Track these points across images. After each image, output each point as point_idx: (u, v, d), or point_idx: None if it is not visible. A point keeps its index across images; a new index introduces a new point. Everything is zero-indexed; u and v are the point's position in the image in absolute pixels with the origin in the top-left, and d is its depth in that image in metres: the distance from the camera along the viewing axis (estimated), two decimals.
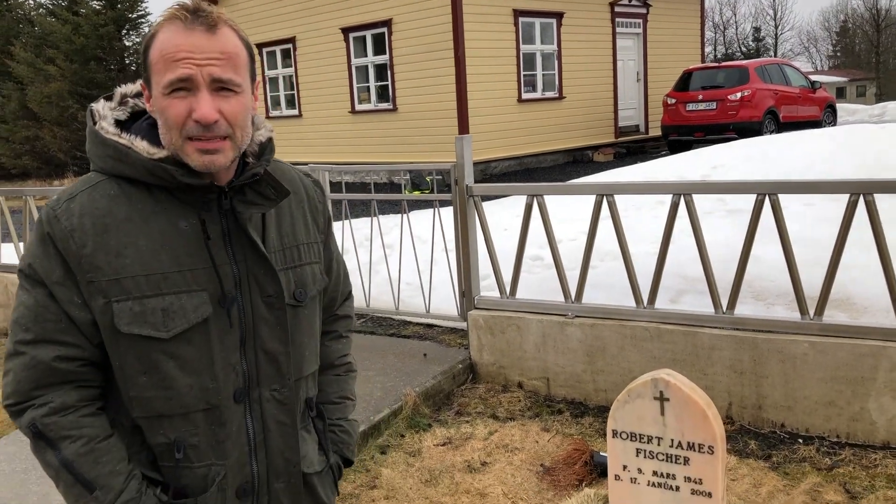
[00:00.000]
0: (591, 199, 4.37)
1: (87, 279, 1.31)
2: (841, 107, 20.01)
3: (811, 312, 3.84)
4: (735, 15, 61.47)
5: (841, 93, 50.07)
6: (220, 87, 1.31)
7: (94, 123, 1.39)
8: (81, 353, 1.33)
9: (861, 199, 3.63)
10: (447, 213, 5.20)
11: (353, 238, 5.73)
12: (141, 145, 1.34)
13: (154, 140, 1.35)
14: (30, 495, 3.56)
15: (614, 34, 16.65)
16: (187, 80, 1.28)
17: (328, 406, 1.64)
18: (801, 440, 3.82)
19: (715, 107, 14.17)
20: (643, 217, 7.21)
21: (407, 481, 3.66)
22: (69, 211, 1.32)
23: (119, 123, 1.41)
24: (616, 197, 4.26)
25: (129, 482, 1.34)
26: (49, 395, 1.32)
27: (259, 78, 1.47)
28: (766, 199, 3.85)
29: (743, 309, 4.55)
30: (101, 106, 1.42)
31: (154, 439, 1.37)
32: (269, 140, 1.47)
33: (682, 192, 4.03)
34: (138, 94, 1.45)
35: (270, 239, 1.44)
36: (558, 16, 15.34)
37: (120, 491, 1.33)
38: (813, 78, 16.93)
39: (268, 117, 17.59)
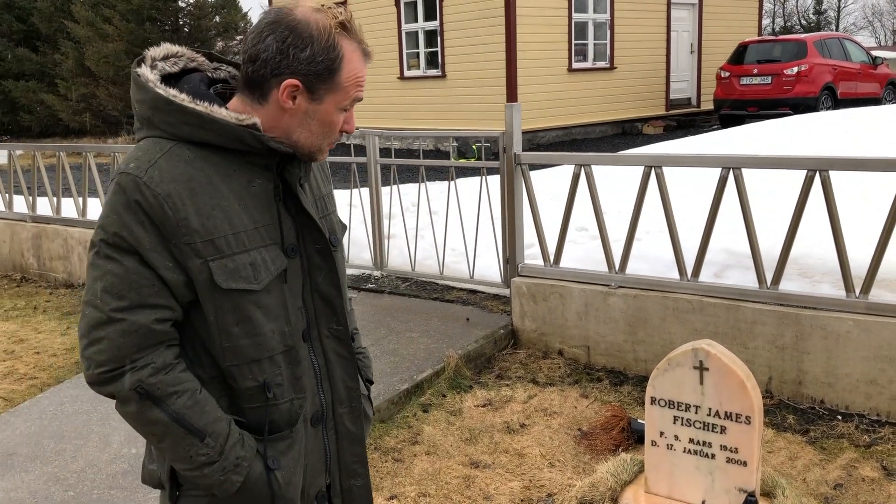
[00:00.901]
0: (640, 171, 4.38)
1: (184, 242, 1.38)
2: None
3: (857, 291, 3.83)
4: None
5: None
6: None
7: (160, 90, 1.42)
8: (173, 314, 1.42)
9: None
10: (493, 180, 5.25)
11: (401, 203, 5.82)
12: (222, 112, 1.41)
13: (218, 104, 1.44)
14: (92, 435, 3.77)
15: (669, 4, 16.33)
16: (357, 101, 1.50)
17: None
18: (840, 417, 3.84)
19: (770, 81, 13.87)
20: (689, 192, 7.17)
21: (447, 438, 3.78)
22: (154, 178, 1.37)
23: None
24: (664, 170, 4.27)
25: (232, 425, 1.46)
26: (149, 357, 1.39)
27: None
28: (817, 175, 3.82)
29: (790, 286, 4.55)
30: (149, 72, 1.45)
31: (245, 384, 1.48)
32: None
33: (732, 167, 4.03)
34: (165, 57, 1.51)
35: (307, 194, 1.58)
36: None
37: (227, 435, 1.45)
38: (875, 53, 16.42)
39: None
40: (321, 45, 1.40)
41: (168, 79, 1.48)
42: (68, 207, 7.17)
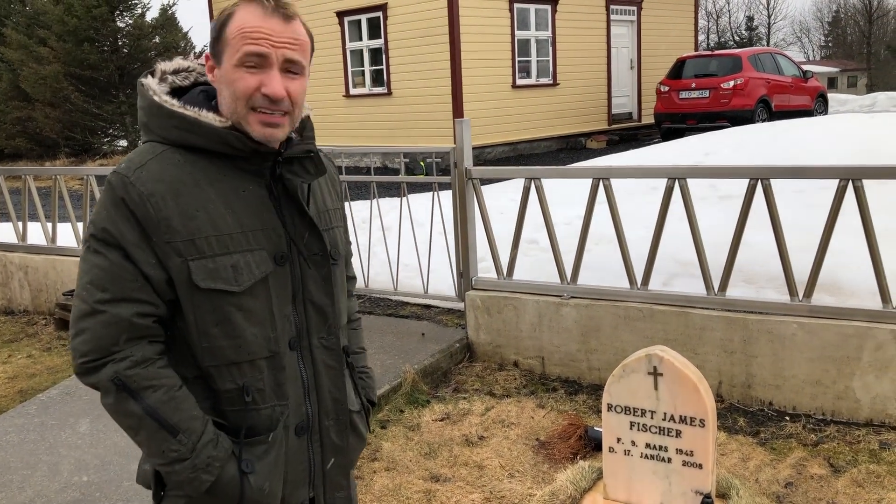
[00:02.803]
0: (587, 183, 4.46)
1: (164, 240, 1.41)
2: (832, 97, 20.14)
3: (800, 295, 3.96)
4: (728, 4, 61.50)
5: (832, 83, 50.27)
6: (289, 68, 1.46)
7: (153, 96, 1.49)
8: (155, 309, 1.45)
9: (850, 184, 3.74)
10: (445, 196, 5.28)
11: (353, 220, 5.81)
12: (207, 115, 1.46)
13: (214, 112, 1.48)
14: (40, 464, 3.65)
15: (608, 21, 16.70)
16: (263, 56, 1.42)
17: (353, 356, 1.80)
18: (788, 417, 3.95)
19: (708, 95, 14.27)
20: (637, 202, 7.32)
21: (407, 454, 3.77)
22: (141, 178, 1.42)
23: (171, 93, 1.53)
24: (612, 181, 4.36)
25: (207, 425, 1.47)
26: (129, 350, 1.42)
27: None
28: (759, 183, 3.95)
29: (735, 292, 4.67)
30: (153, 82, 1.52)
31: (224, 385, 1.49)
32: (308, 118, 1.61)
33: (677, 177, 4.14)
34: (175, 72, 1.57)
35: (310, 205, 1.59)
36: (553, 2, 15.39)
37: (201, 433, 1.45)
38: (805, 68, 17.04)
39: None
40: (218, 15, 1.48)
41: (179, 92, 1.55)
42: (7, 232, 6.97)
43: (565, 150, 15.77)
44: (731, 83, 14.03)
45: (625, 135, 16.96)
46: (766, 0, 59.25)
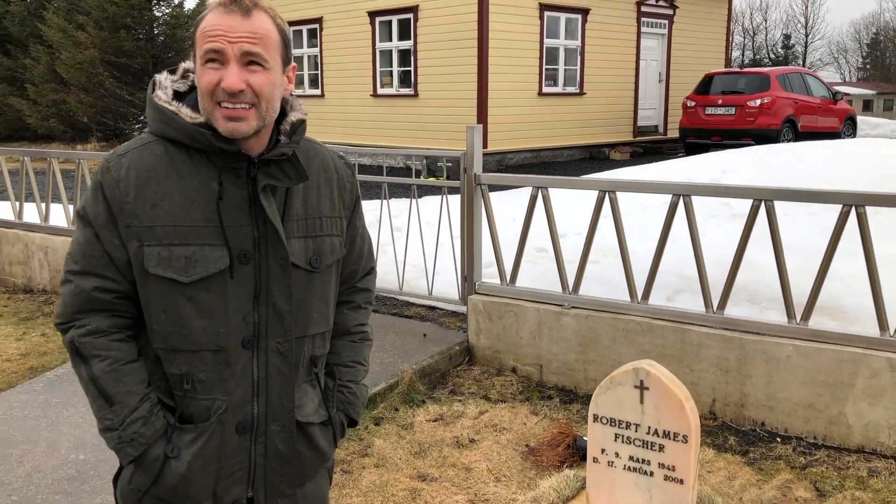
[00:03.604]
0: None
1: (126, 223, 1.50)
2: (863, 119, 19.93)
3: (798, 317, 3.96)
4: (766, 21, 60.97)
5: (868, 105, 49.63)
6: (250, 61, 1.48)
7: (153, 91, 1.58)
8: (117, 286, 1.54)
9: (853, 210, 3.75)
10: (456, 199, 5.34)
11: (364, 219, 5.89)
12: (185, 111, 1.53)
13: (198, 108, 1.54)
14: (40, 440, 3.76)
15: (639, 34, 16.68)
16: (219, 52, 1.46)
17: (341, 368, 1.78)
18: (779, 439, 3.96)
19: (734, 112, 14.20)
20: (650, 216, 7.33)
21: (397, 452, 3.83)
22: (119, 164, 1.52)
23: (178, 94, 1.59)
24: (622, 195, 4.39)
25: (143, 403, 1.54)
26: (87, 319, 1.54)
27: (294, 63, 1.62)
28: (762, 205, 3.96)
29: (736, 311, 4.68)
30: (163, 77, 1.61)
31: (169, 369, 1.56)
32: (302, 122, 1.63)
33: (682, 194, 4.16)
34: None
35: (294, 208, 1.60)
36: (584, 12, 15.39)
37: (134, 408, 1.52)
38: (841, 89, 16.91)
39: (290, 96, 17.71)
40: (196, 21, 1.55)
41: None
42: (31, 213, 7.13)
43: (588, 160, 15.76)
44: (758, 101, 13.95)
45: (649, 147, 16.91)
46: (805, 19, 58.59)
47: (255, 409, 1.59)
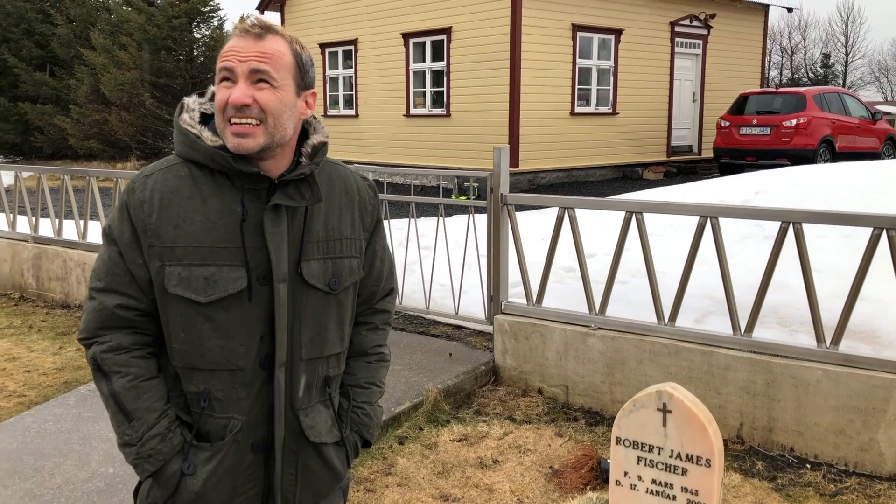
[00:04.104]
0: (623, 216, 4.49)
1: (149, 244, 1.54)
2: None
3: (828, 341, 3.91)
4: (804, 40, 60.15)
5: None
6: (259, 79, 1.53)
7: (180, 114, 1.63)
8: (139, 304, 1.58)
9: (885, 233, 3.69)
10: (483, 219, 5.37)
11: (391, 238, 5.94)
12: (206, 134, 1.57)
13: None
14: (71, 453, 3.84)
15: (673, 53, 16.62)
16: (230, 70, 1.52)
17: (356, 389, 1.79)
18: (808, 465, 3.89)
19: (769, 132, 14.06)
20: (683, 237, 7.28)
21: (420, 471, 3.84)
22: (144, 185, 1.57)
23: (205, 116, 1.64)
24: (653, 216, 4.38)
25: (161, 420, 1.57)
26: (109, 335, 1.58)
27: (314, 90, 1.66)
28: (790, 227, 3.93)
29: (767, 334, 4.62)
30: (192, 100, 1.66)
31: (187, 387, 1.60)
32: (324, 144, 1.66)
33: (709, 215, 4.14)
34: None
35: (315, 230, 1.63)
36: (617, 32, 15.40)
37: (152, 425, 1.56)
38: (882, 108, 16.62)
39: (325, 116, 18.00)
40: None
41: None
42: (70, 230, 7.31)
43: (621, 179, 15.69)
44: (794, 122, 13.79)
45: (683, 167, 16.79)
46: (845, 38, 57.83)
47: (272, 429, 1.61)
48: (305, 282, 1.61)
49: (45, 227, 7.58)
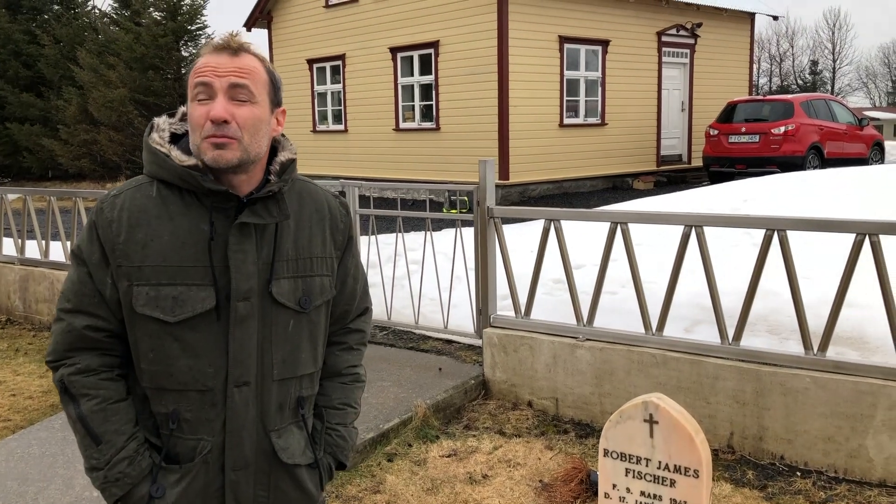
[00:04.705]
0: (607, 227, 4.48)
1: (117, 264, 1.53)
2: (893, 145, 19.69)
3: (815, 348, 3.90)
4: (792, 47, 60.62)
5: None
6: (235, 95, 1.52)
7: (150, 134, 1.62)
8: (108, 325, 1.56)
9: (867, 239, 3.69)
10: (471, 233, 5.35)
11: (379, 253, 5.92)
12: (175, 153, 1.56)
13: (190, 151, 1.57)
14: (56, 478, 3.79)
15: (660, 63, 16.69)
16: (207, 85, 1.52)
17: (330, 411, 1.77)
18: (799, 473, 3.87)
19: (758, 140, 14.11)
20: (672, 246, 7.28)
21: (409, 488, 3.81)
22: (113, 205, 1.56)
23: (175, 136, 1.63)
24: (641, 226, 4.37)
25: (130, 443, 1.55)
26: (77, 357, 1.56)
27: (283, 108, 1.66)
28: (775, 234, 3.93)
29: (757, 342, 4.62)
30: (162, 120, 1.65)
31: (156, 408, 1.58)
32: (292, 161, 1.65)
33: (693, 224, 4.13)
34: None
35: (285, 248, 1.61)
36: (604, 43, 15.47)
37: (120, 448, 1.54)
38: (870, 114, 16.73)
39: (314, 132, 18.01)
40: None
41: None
42: (57, 251, 7.27)
43: (611, 190, 15.71)
44: (782, 129, 13.85)
45: (673, 177, 16.83)
46: (832, 45, 58.29)
47: (240, 450, 1.59)
48: (276, 300, 1.59)
49: (32, 249, 7.54)
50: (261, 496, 1.63)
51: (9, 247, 7.78)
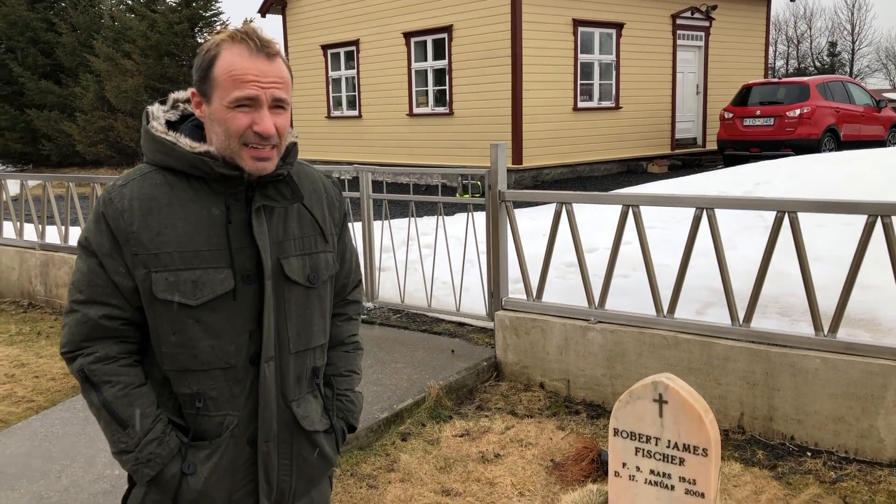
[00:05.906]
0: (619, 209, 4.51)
1: (132, 252, 1.56)
2: None
3: (825, 329, 3.92)
4: (810, 29, 59.87)
5: None
6: (276, 105, 1.58)
7: (148, 123, 1.66)
8: (123, 313, 1.60)
9: (879, 220, 3.70)
10: (483, 217, 5.39)
11: (392, 237, 5.97)
12: (184, 141, 1.60)
13: (195, 137, 1.62)
14: (78, 456, 3.89)
15: (675, 46, 16.58)
16: (254, 99, 1.54)
17: (337, 378, 1.87)
18: (809, 453, 3.90)
19: (772, 123, 14.02)
20: (685, 229, 7.28)
21: (423, 467, 3.88)
22: (121, 195, 1.58)
23: (170, 124, 1.67)
24: (653, 208, 4.40)
25: (156, 424, 1.60)
26: (95, 347, 1.60)
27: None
28: (786, 216, 3.94)
29: (768, 324, 4.64)
30: (155, 108, 1.69)
31: (179, 389, 1.63)
32: (294, 145, 1.71)
33: (704, 206, 4.15)
34: (188, 100, 1.71)
35: (291, 228, 1.68)
36: (618, 27, 15.38)
37: (147, 430, 1.59)
38: (889, 96, 16.54)
39: (329, 117, 18.05)
40: (202, 54, 1.58)
41: (186, 118, 1.70)
42: (76, 236, 7.38)
43: (626, 174, 15.68)
44: (798, 111, 13.74)
45: (688, 160, 16.76)
46: (851, 26, 57.48)
47: (270, 423, 1.66)
48: (287, 278, 1.66)
49: (52, 235, 7.65)
50: (284, 465, 1.71)
51: (30, 232, 7.89)
